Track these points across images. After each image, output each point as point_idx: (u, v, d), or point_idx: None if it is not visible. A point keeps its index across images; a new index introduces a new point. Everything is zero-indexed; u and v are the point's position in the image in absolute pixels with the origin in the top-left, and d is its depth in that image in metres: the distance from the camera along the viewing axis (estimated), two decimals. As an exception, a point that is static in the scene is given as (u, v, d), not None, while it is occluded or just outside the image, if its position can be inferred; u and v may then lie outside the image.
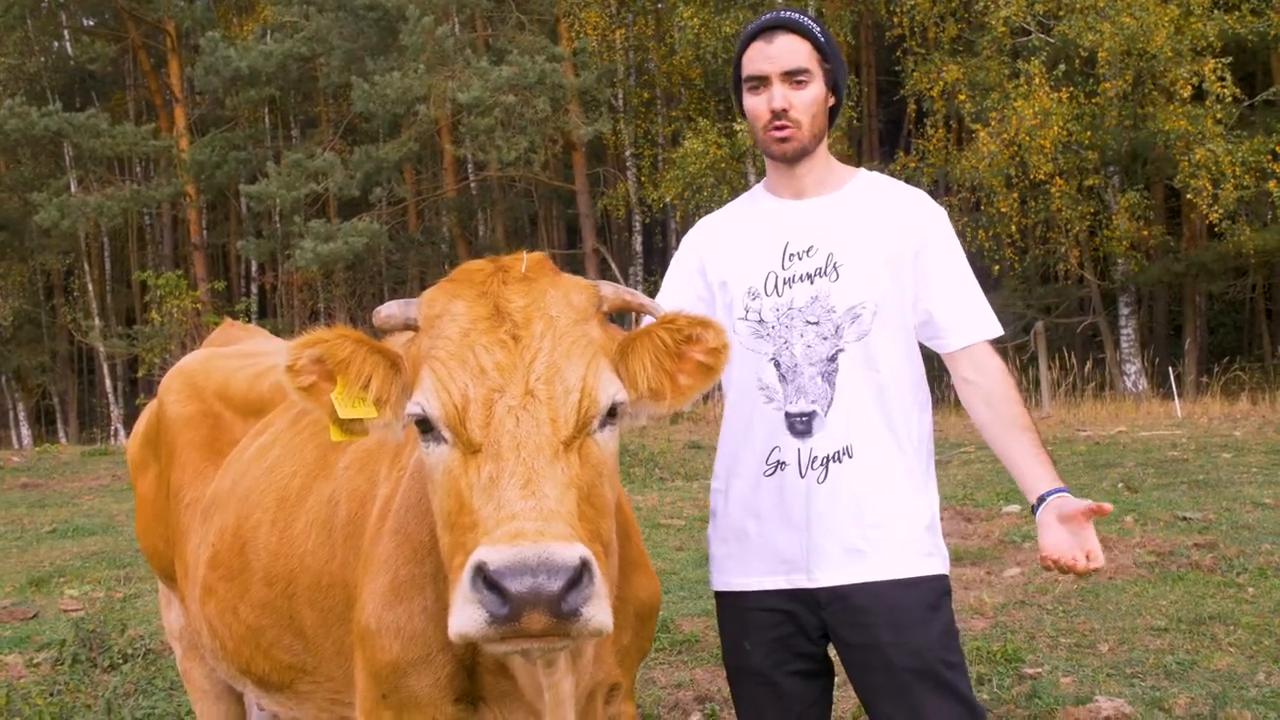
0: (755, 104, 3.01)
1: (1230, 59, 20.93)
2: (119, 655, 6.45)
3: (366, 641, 2.63)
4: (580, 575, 1.91)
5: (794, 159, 3.01)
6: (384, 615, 2.59)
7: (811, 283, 2.98)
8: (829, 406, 2.95)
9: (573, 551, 1.91)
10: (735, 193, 25.10)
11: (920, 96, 25.15)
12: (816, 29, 3.01)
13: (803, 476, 2.95)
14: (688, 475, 13.18)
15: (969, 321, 3.01)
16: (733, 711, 5.32)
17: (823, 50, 3.00)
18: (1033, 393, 20.54)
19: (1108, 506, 2.81)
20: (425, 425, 2.20)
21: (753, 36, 3.02)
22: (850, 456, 2.93)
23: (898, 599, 2.90)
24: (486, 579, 1.90)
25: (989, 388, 2.98)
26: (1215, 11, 21.16)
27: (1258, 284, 27.51)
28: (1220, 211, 20.96)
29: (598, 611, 1.95)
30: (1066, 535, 2.82)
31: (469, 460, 2.09)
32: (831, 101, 3.06)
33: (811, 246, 3.00)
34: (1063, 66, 21.22)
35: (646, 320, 2.50)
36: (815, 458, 2.94)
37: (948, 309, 3.01)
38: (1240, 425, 15.45)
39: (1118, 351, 24.06)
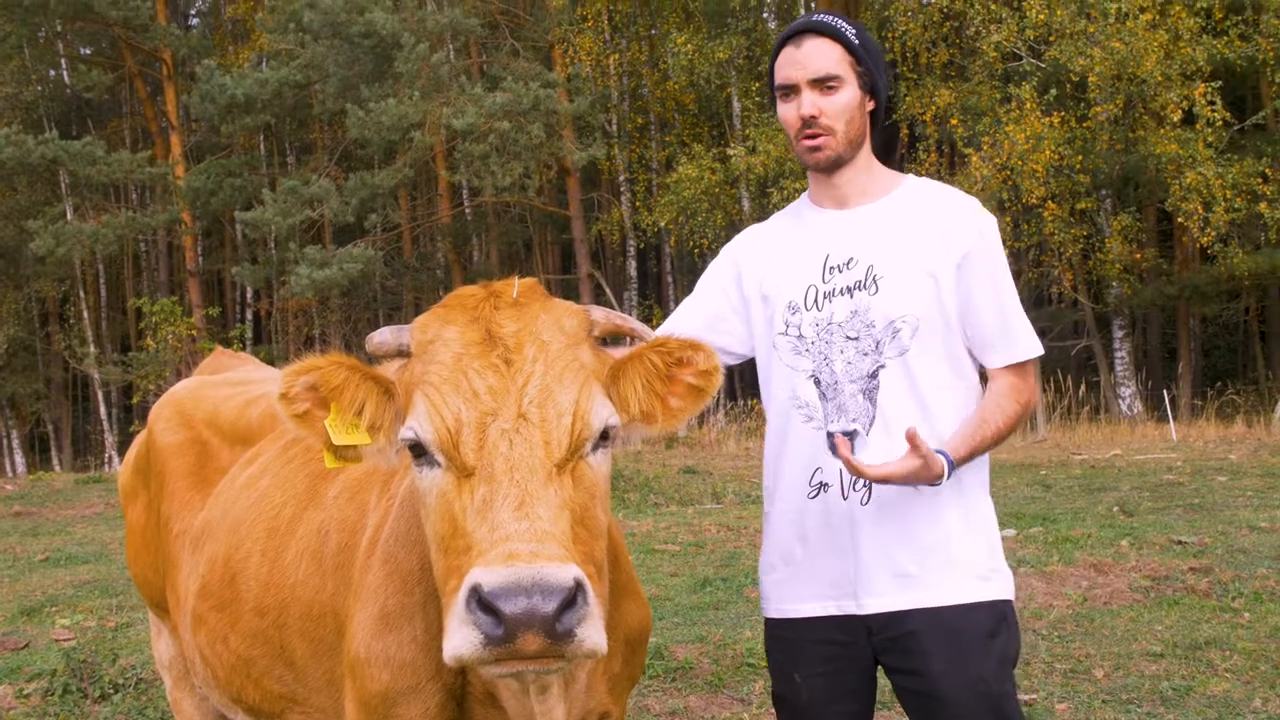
0: (786, 112, 2.92)
1: (1220, 83, 21.04)
2: (110, 685, 6.41)
3: (356, 671, 2.62)
4: (574, 596, 1.92)
5: (829, 168, 2.92)
6: (373, 644, 2.59)
7: (851, 296, 2.86)
8: (871, 424, 2.82)
9: (566, 572, 1.92)
10: (729, 218, 25.24)
11: (913, 121, 25.24)
12: (850, 31, 2.89)
13: (845, 498, 2.84)
14: (682, 500, 13.16)
15: (1006, 343, 2.88)
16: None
17: (855, 53, 2.88)
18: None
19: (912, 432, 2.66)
20: (418, 449, 2.21)
21: (783, 42, 2.93)
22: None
23: (953, 626, 2.78)
24: (481, 600, 1.91)
25: (988, 394, 2.90)
26: (1204, 36, 21.28)
27: (1251, 306, 27.60)
28: (1212, 234, 21.05)
29: (592, 632, 1.95)
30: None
31: (462, 483, 2.10)
32: (871, 105, 2.95)
33: (851, 258, 2.89)
34: (1054, 91, 21.31)
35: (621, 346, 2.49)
36: (857, 480, 2.82)
37: (987, 328, 2.88)
38: (1235, 448, 15.46)
39: (1112, 375, 24.09)
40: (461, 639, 1.93)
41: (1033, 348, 2.89)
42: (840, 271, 2.89)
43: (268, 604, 3.11)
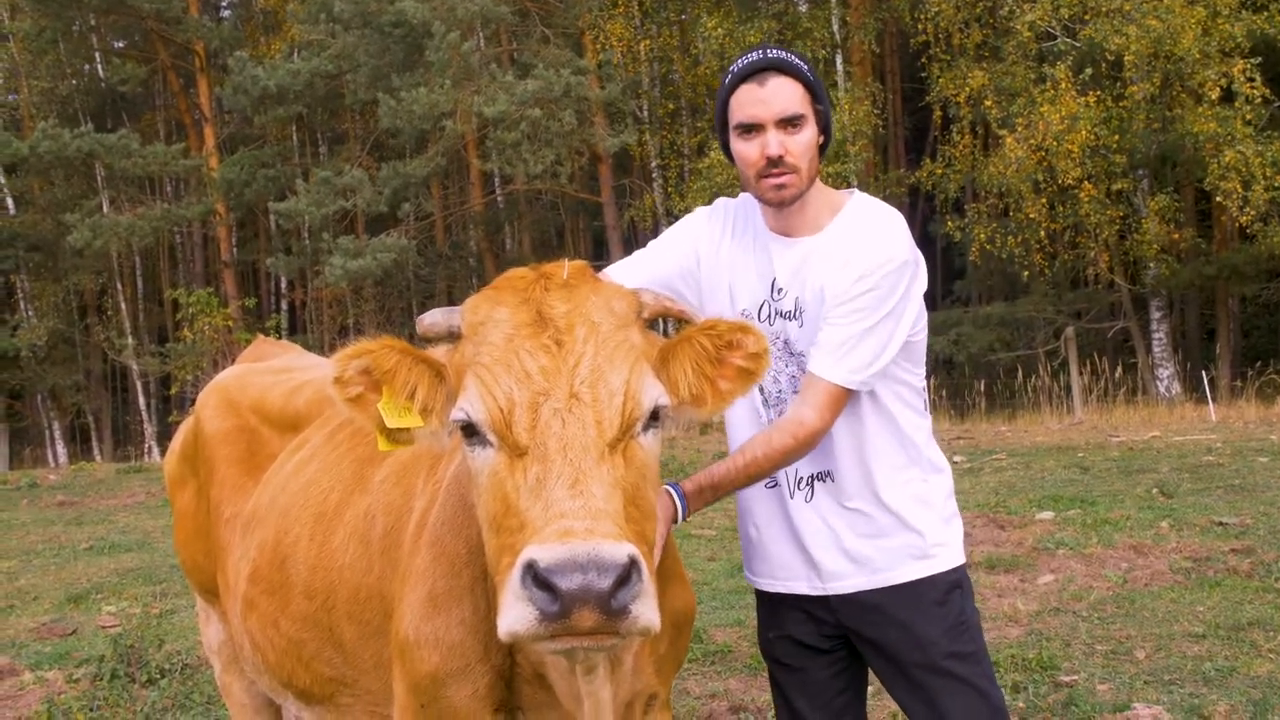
0: (747, 150, 2.91)
1: (1259, 59, 20.74)
2: (156, 670, 6.50)
3: (405, 653, 2.65)
4: (629, 573, 1.93)
5: (791, 204, 2.96)
6: (422, 626, 2.62)
7: (787, 323, 3.02)
8: None
9: (621, 549, 1.93)
10: (762, 202, 25.07)
11: (946, 103, 25.06)
12: (806, 69, 2.93)
13: (791, 496, 3.06)
14: (718, 485, 13.13)
15: (824, 355, 2.87)
16: (768, 721, 5.32)
17: (814, 91, 2.92)
18: (1065, 398, 20.41)
19: None
20: (470, 430, 2.22)
21: (743, 78, 2.91)
22: (832, 479, 3.01)
23: (903, 600, 3.01)
24: (536, 577, 1.92)
25: (772, 425, 2.94)
26: (1243, 12, 20.97)
27: (1291, 286, 27.23)
28: (1251, 213, 20.77)
29: (646, 609, 1.97)
30: None
31: (515, 463, 2.12)
32: (821, 140, 2.99)
33: (783, 289, 3.02)
34: (1089, 70, 21.09)
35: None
36: (801, 478, 3.04)
37: (824, 336, 2.89)
38: (1276, 429, 15.29)
39: (1150, 356, 23.88)
40: (517, 615, 1.95)
41: (839, 376, 2.85)
42: (782, 295, 3.03)
43: (316, 587, 3.15)
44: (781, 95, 2.87)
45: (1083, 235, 24.02)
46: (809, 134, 2.91)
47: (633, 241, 33.34)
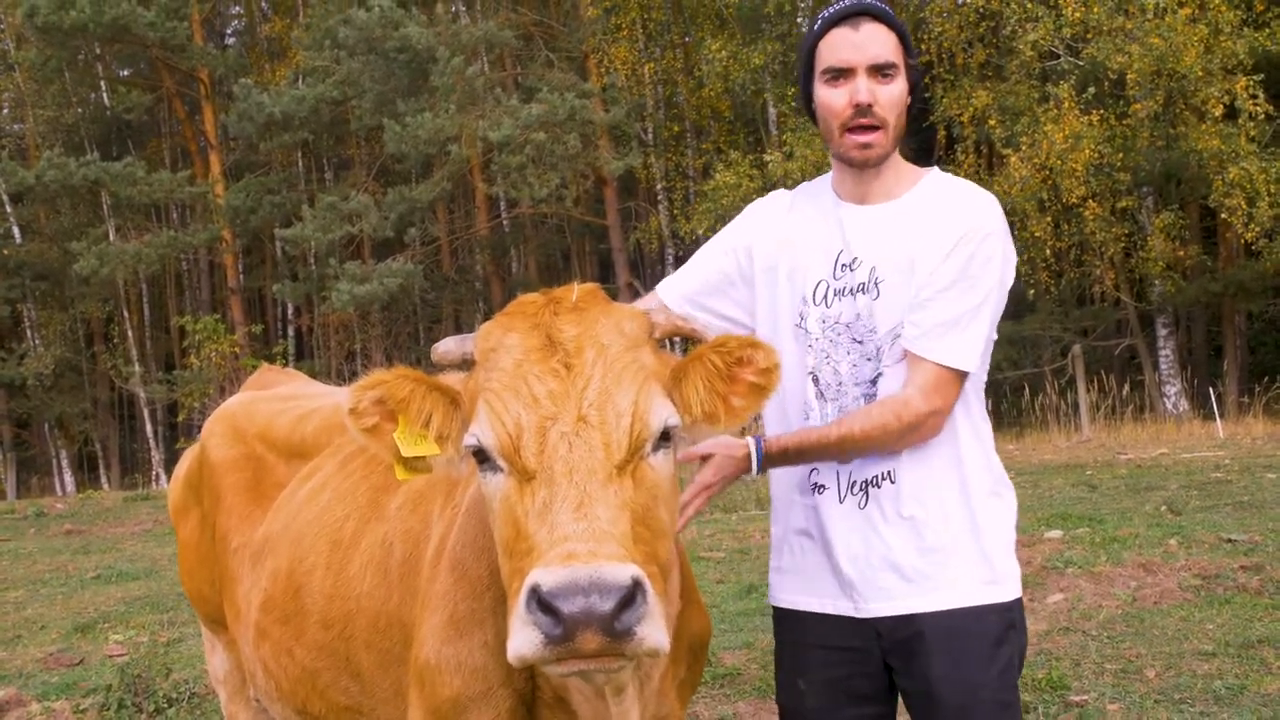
0: (833, 97, 2.71)
1: (1261, 76, 20.79)
2: (164, 700, 6.48)
3: (426, 677, 2.65)
4: (633, 595, 1.93)
5: (875, 165, 2.76)
6: (444, 650, 2.62)
7: (855, 298, 2.77)
8: None
9: (624, 571, 1.93)
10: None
11: (950, 122, 25.09)
12: (900, 21, 2.76)
13: (841, 501, 2.79)
14: (726, 507, 13.13)
15: (934, 336, 2.69)
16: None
17: (906, 44, 2.75)
18: (1072, 416, 20.37)
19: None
20: (482, 455, 2.24)
21: (834, 23, 2.72)
22: (892, 482, 2.74)
23: (957, 630, 2.71)
24: (540, 600, 1.93)
25: (882, 398, 2.74)
26: (1245, 29, 21.03)
27: (1297, 302, 27.20)
28: (1256, 230, 20.79)
29: (652, 630, 1.96)
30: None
31: (524, 487, 2.13)
32: (908, 102, 2.78)
33: (856, 259, 2.78)
34: (1092, 89, 21.14)
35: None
36: (855, 482, 2.77)
37: (928, 314, 2.71)
38: (1284, 445, 15.25)
39: (1157, 373, 23.84)
40: (523, 639, 1.96)
41: (950, 357, 2.69)
42: (850, 270, 2.79)
43: (333, 616, 3.14)
44: (876, 41, 2.70)
45: (1088, 253, 24.02)
46: (900, 86, 2.73)
47: (639, 264, 33.47)
